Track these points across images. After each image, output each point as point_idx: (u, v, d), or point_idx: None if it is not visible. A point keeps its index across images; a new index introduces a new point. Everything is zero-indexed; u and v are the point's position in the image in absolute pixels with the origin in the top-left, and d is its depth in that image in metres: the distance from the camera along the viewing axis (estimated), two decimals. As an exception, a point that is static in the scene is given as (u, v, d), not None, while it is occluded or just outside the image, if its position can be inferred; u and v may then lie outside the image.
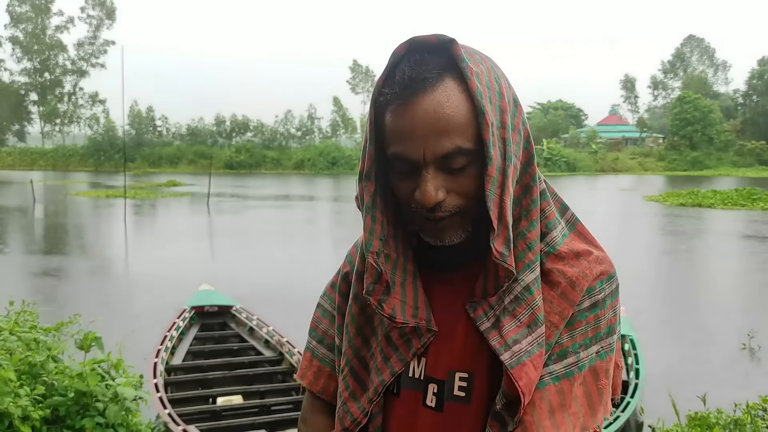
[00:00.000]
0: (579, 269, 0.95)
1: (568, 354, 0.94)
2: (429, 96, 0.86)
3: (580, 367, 0.94)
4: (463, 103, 0.87)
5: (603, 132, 69.63)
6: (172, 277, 11.86)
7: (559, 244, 0.97)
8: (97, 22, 69.22)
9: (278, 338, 6.50)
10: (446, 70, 0.88)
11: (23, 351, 3.68)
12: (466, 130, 0.87)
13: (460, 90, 0.87)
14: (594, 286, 0.95)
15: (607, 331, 0.97)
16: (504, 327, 0.92)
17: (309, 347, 1.18)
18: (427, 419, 0.97)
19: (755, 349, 7.99)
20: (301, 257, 14.56)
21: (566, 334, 0.94)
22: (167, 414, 4.66)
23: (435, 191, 0.88)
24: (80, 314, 4.28)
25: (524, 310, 0.92)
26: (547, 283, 0.95)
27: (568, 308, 0.94)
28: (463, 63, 0.87)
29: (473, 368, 0.95)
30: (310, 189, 37.20)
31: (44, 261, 13.81)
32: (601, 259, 0.98)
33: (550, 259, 0.96)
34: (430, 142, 0.87)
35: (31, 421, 3.22)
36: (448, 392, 0.96)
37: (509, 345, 0.91)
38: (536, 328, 0.91)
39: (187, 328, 7.00)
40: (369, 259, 0.95)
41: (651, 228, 20.57)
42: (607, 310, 0.97)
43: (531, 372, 0.90)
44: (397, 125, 0.89)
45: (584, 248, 0.98)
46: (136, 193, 30.78)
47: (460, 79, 0.88)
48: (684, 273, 13.61)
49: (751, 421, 3.98)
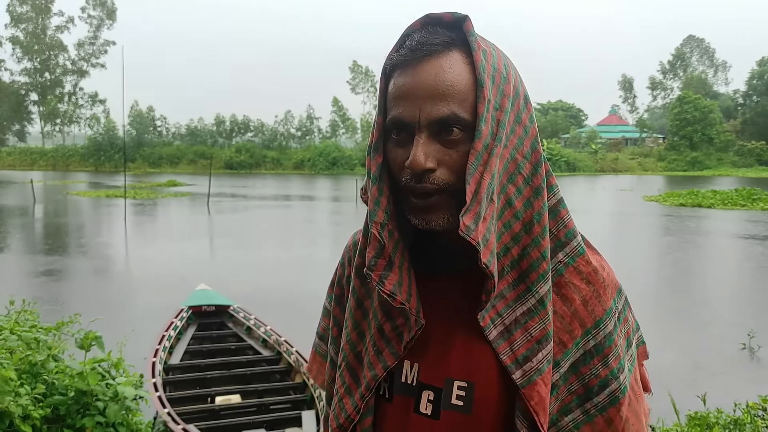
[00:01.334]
0: (593, 288, 0.94)
1: (609, 382, 0.93)
2: (433, 60, 0.87)
3: (623, 390, 0.94)
4: (465, 73, 0.87)
5: (603, 132, 69.71)
6: (172, 276, 11.87)
7: (580, 254, 0.95)
8: (98, 23, 69.32)
9: (276, 337, 6.50)
10: (455, 42, 0.89)
11: (24, 350, 3.69)
12: (464, 100, 0.87)
13: (465, 62, 0.88)
14: (611, 307, 0.95)
15: (626, 345, 0.98)
16: (515, 341, 0.91)
17: (314, 344, 1.20)
18: (421, 426, 0.95)
19: (755, 348, 7.99)
20: (301, 257, 14.56)
21: (599, 363, 0.93)
22: (167, 413, 4.66)
23: (425, 157, 0.86)
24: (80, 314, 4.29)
25: (537, 324, 0.90)
26: (561, 297, 0.93)
27: (578, 328, 0.93)
28: (472, 37, 0.89)
29: (474, 378, 0.93)
30: (310, 189, 37.20)
31: (44, 261, 13.81)
32: (611, 274, 0.98)
33: (569, 272, 0.94)
34: (426, 104, 0.86)
35: (31, 420, 3.22)
36: (445, 400, 0.93)
37: (520, 362, 0.90)
38: (546, 344, 0.90)
39: (185, 327, 7.01)
40: (372, 229, 0.93)
41: (651, 228, 20.57)
42: (624, 325, 0.98)
43: (542, 390, 0.89)
44: (399, 87, 0.89)
45: (599, 263, 0.98)
46: (136, 193, 30.79)
47: (467, 53, 0.89)
48: (683, 273, 13.60)
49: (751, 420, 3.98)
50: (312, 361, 1.19)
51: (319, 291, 1.29)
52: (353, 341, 1.03)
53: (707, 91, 70.93)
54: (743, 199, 27.38)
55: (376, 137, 0.94)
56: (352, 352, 1.02)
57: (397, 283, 0.92)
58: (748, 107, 68.94)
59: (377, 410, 0.99)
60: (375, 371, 0.97)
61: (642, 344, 1.06)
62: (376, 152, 0.94)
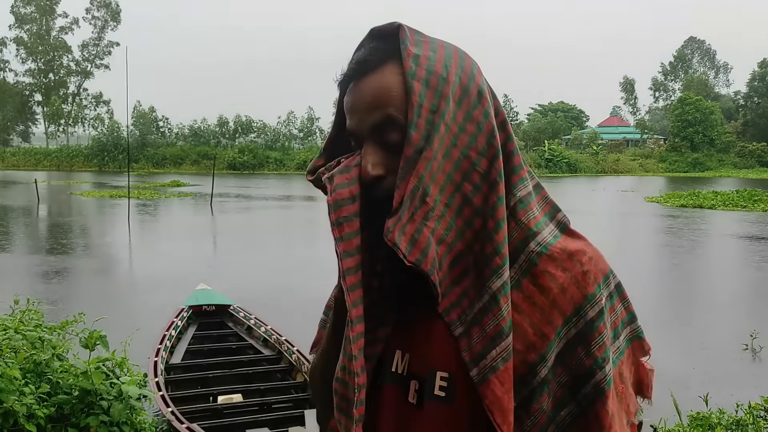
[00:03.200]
0: (571, 274, 0.92)
1: (594, 372, 0.92)
2: (370, 75, 0.92)
3: (608, 382, 0.92)
4: (398, 82, 0.91)
5: (604, 133, 69.60)
6: (176, 276, 11.88)
7: (551, 243, 0.94)
8: (102, 24, 69.36)
9: (277, 337, 6.52)
10: (391, 54, 0.93)
11: (28, 349, 3.70)
12: (398, 105, 0.90)
13: (399, 72, 0.91)
14: (594, 293, 0.93)
15: (613, 335, 0.95)
16: (473, 338, 0.91)
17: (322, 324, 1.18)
18: (409, 416, 0.96)
19: (757, 349, 7.98)
20: (303, 258, 14.57)
21: (583, 352, 0.91)
22: (170, 412, 4.68)
23: (372, 166, 0.90)
24: (85, 313, 4.30)
25: (490, 320, 0.90)
26: (538, 287, 0.92)
27: (558, 317, 0.91)
28: (403, 45, 0.92)
29: (455, 369, 0.93)
30: (313, 189, 36.77)
31: (49, 260, 13.84)
32: (595, 260, 0.95)
33: (542, 261, 0.93)
34: (365, 114, 0.92)
35: (36, 419, 3.24)
36: (429, 391, 0.94)
37: (476, 360, 0.90)
38: (500, 340, 0.89)
39: (185, 327, 7.03)
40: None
41: (652, 229, 20.54)
42: (611, 314, 0.95)
43: (497, 388, 0.88)
44: (346, 102, 0.96)
45: (577, 247, 0.95)
46: (139, 194, 30.79)
47: (401, 62, 0.92)
48: (685, 274, 13.59)
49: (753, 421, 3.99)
50: (317, 335, 1.19)
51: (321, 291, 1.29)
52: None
53: (708, 92, 70.82)
54: (744, 200, 27.33)
55: (325, 145, 1.04)
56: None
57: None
58: (749, 109, 68.85)
59: (368, 398, 0.98)
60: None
61: (638, 338, 1.02)
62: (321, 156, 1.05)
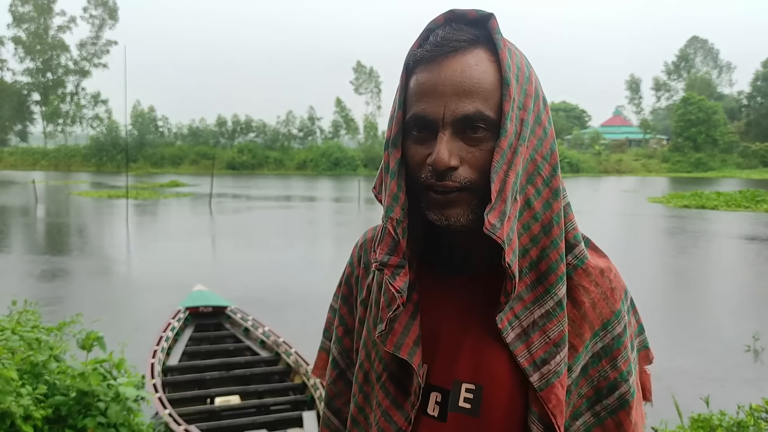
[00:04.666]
0: (601, 290, 0.94)
1: (619, 385, 0.93)
2: (459, 57, 0.87)
3: (632, 393, 0.94)
4: (491, 71, 0.87)
5: (606, 133, 69.71)
6: (174, 277, 11.86)
7: (587, 257, 0.95)
8: (100, 22, 69.52)
9: (274, 338, 6.50)
10: (480, 40, 0.88)
11: (25, 350, 3.68)
12: (489, 98, 0.86)
13: (491, 60, 0.88)
14: (620, 309, 0.95)
15: (631, 347, 0.97)
16: (533, 344, 0.90)
17: (324, 348, 1.17)
18: (428, 428, 0.94)
19: (759, 351, 7.96)
20: (302, 258, 14.56)
21: (608, 365, 0.93)
22: (167, 414, 4.66)
23: (449, 154, 0.85)
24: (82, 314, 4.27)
25: (555, 326, 0.90)
26: (571, 299, 0.93)
27: (587, 331, 0.93)
28: (498, 35, 0.88)
29: (483, 381, 0.91)
30: (312, 190, 37.22)
31: (46, 261, 13.82)
32: (618, 276, 0.98)
33: (578, 274, 0.93)
34: (452, 100, 0.85)
35: (33, 421, 3.21)
36: (453, 402, 0.92)
37: (538, 365, 0.89)
38: (564, 346, 0.89)
39: (182, 328, 7.01)
40: (387, 225, 0.92)
41: (654, 229, 20.54)
42: (629, 328, 0.98)
43: (560, 392, 0.88)
44: (422, 83, 0.88)
45: (605, 264, 0.97)
46: (138, 194, 30.82)
47: (492, 51, 0.88)
48: (687, 274, 13.58)
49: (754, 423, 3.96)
50: (324, 366, 1.17)
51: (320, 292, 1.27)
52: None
53: (711, 92, 70.90)
54: (747, 200, 27.36)
55: (395, 132, 0.92)
56: (394, 362, 0.97)
57: (406, 283, 0.91)
58: (752, 108, 68.91)
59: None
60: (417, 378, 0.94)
61: (645, 348, 1.04)
62: (394, 147, 0.92)
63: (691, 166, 57.82)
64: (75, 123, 68.58)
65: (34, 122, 70.87)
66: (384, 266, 0.91)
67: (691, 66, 79.08)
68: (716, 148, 59.86)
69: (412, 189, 0.92)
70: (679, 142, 60.61)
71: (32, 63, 68.56)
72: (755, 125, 65.56)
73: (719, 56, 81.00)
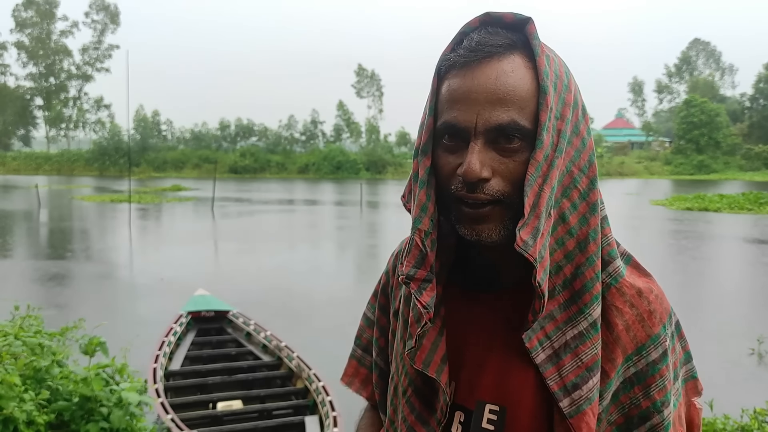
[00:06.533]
0: (637, 312, 0.88)
1: (651, 415, 0.87)
2: (494, 63, 0.82)
3: (666, 427, 0.87)
4: (527, 78, 0.83)
5: (609, 136, 69.66)
6: (177, 281, 11.86)
7: (622, 275, 0.89)
8: (102, 27, 69.75)
9: (276, 343, 6.49)
10: (516, 45, 0.84)
11: (28, 356, 3.68)
12: (525, 107, 0.82)
13: (527, 66, 0.83)
14: (658, 333, 0.88)
15: (673, 377, 0.90)
16: (565, 366, 0.85)
17: (354, 355, 1.17)
18: None
19: (764, 354, 7.93)
20: (305, 262, 14.55)
21: (640, 393, 0.87)
22: (170, 419, 4.65)
23: (480, 165, 0.80)
24: (85, 319, 4.28)
25: (588, 349, 0.84)
26: (604, 321, 0.87)
27: (620, 356, 0.87)
28: (536, 41, 0.84)
29: (507, 402, 0.87)
30: (315, 193, 37.23)
31: (49, 266, 13.83)
32: (660, 298, 0.91)
33: (611, 293, 0.88)
34: (485, 109, 0.81)
35: (35, 426, 3.21)
36: (476, 424, 0.89)
37: (569, 390, 0.84)
38: (597, 371, 0.84)
39: (184, 333, 7.01)
40: (416, 237, 0.88)
41: (658, 232, 20.50)
42: (672, 355, 0.90)
43: (591, 421, 0.83)
44: (454, 90, 0.84)
45: (645, 284, 0.90)
46: (140, 198, 30.84)
47: (529, 57, 0.84)
48: (691, 277, 13.54)
49: (759, 427, 3.95)
50: (353, 374, 1.17)
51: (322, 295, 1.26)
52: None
53: (714, 94, 70.85)
54: (750, 203, 27.30)
55: (425, 139, 0.88)
56: (419, 376, 0.96)
57: (434, 298, 0.88)
58: (755, 111, 68.76)
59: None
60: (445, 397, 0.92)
61: (692, 379, 0.96)
62: (424, 155, 0.88)
63: (693, 168, 57.76)
64: (78, 127, 68.80)
65: (37, 127, 71.09)
66: (410, 279, 0.88)
67: (693, 68, 79.03)
68: (719, 150, 59.80)
69: (442, 199, 0.88)
70: (681, 144, 60.55)
71: (35, 68, 68.78)
72: (758, 127, 65.43)
73: (722, 58, 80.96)
